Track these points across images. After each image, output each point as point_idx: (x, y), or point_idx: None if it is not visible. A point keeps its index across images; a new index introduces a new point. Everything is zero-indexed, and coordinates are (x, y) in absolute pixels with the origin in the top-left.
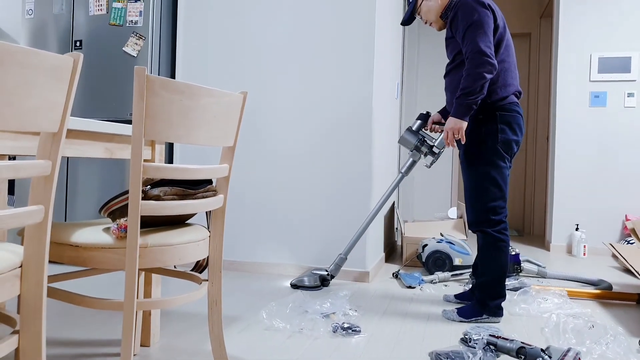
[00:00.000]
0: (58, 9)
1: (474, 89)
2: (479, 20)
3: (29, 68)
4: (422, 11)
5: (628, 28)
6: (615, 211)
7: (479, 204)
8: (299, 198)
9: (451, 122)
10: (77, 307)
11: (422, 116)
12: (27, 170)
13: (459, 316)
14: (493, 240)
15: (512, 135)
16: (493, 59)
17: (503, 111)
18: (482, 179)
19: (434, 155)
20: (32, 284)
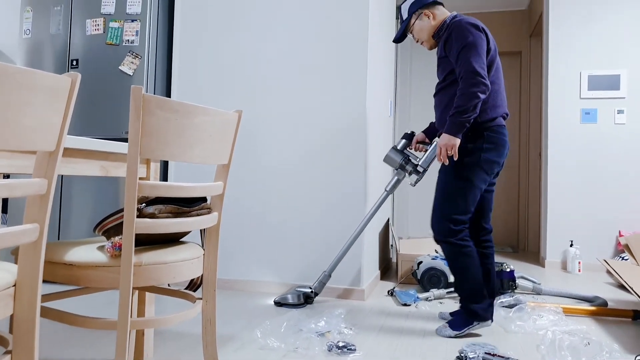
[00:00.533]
0: (55, 29)
1: (468, 108)
2: (474, 42)
3: (27, 88)
4: (414, 30)
5: (616, 46)
6: (609, 227)
7: (443, 215)
8: (293, 216)
9: (444, 139)
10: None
11: (406, 135)
12: (22, 189)
13: (452, 330)
14: (458, 248)
15: (496, 156)
16: (486, 79)
17: (490, 131)
18: (453, 190)
19: (418, 173)
20: (25, 303)
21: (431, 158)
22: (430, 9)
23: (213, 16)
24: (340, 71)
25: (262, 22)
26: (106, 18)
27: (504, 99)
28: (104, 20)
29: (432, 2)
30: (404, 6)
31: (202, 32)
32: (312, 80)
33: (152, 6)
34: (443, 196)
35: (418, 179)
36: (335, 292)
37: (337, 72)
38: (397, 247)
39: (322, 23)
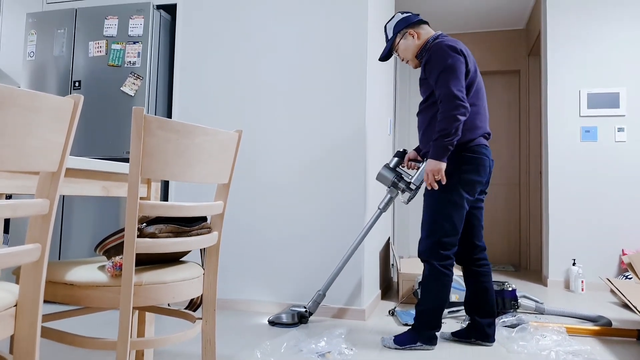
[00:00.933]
0: (59, 51)
1: (450, 131)
2: (452, 65)
3: (31, 111)
4: (399, 49)
5: (615, 64)
6: (612, 245)
7: (432, 237)
8: (291, 235)
9: (431, 164)
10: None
11: (399, 153)
12: (25, 209)
13: (395, 343)
14: (437, 273)
15: (476, 176)
16: (465, 102)
17: (468, 152)
18: (438, 214)
19: (411, 191)
20: (26, 323)
21: (423, 175)
22: (415, 28)
23: (213, 38)
24: (339, 90)
25: (262, 42)
26: (108, 40)
27: (486, 119)
28: (107, 42)
29: (417, 21)
30: (389, 25)
31: (203, 53)
32: (311, 100)
33: (153, 28)
34: (430, 220)
35: (411, 197)
36: (335, 312)
37: (336, 91)
38: (398, 267)
39: (321, 42)
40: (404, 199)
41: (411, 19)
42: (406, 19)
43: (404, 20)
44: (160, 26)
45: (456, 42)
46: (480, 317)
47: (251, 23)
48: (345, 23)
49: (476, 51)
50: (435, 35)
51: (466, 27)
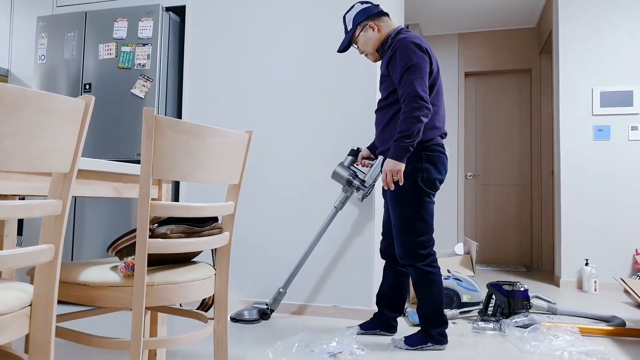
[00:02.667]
0: (69, 54)
1: (412, 132)
2: (417, 64)
3: (44, 112)
4: (359, 42)
5: (628, 62)
6: (625, 245)
7: (409, 240)
8: (301, 237)
9: (390, 164)
10: (84, 346)
11: (352, 152)
12: (39, 209)
13: (406, 345)
14: (424, 273)
15: (437, 174)
16: (429, 103)
17: (428, 151)
18: (409, 215)
19: (365, 189)
20: (41, 323)
21: (376, 173)
22: (375, 20)
23: (222, 39)
24: (348, 89)
25: (270, 43)
26: (118, 43)
27: (443, 119)
28: (116, 44)
29: (378, 12)
30: (348, 16)
31: (212, 54)
32: (320, 100)
33: (163, 31)
34: (402, 224)
35: (365, 195)
36: (347, 312)
37: (345, 90)
38: None
39: (331, 42)
40: (358, 196)
41: (372, 11)
42: (366, 10)
43: (364, 11)
44: (169, 28)
45: (421, 40)
46: (390, 310)
47: (260, 24)
48: None
49: (488, 50)
50: (397, 30)
51: (478, 26)
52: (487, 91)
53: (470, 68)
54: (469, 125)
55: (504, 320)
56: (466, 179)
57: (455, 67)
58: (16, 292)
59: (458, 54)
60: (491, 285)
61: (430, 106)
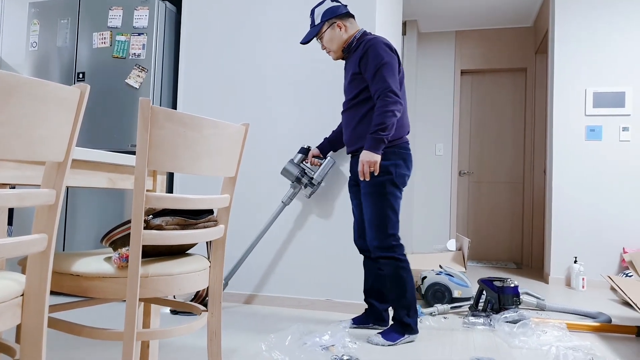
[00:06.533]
0: (62, 42)
1: (387, 125)
2: (390, 62)
3: (38, 99)
4: (324, 38)
5: (621, 64)
6: (613, 244)
7: (383, 232)
8: (293, 231)
9: (367, 156)
10: (77, 337)
11: (303, 150)
12: (32, 199)
13: (386, 340)
14: (399, 263)
15: (406, 170)
16: (401, 99)
17: (399, 148)
18: (384, 208)
19: (313, 186)
20: (33, 313)
21: (325, 172)
22: (343, 20)
23: (219, 29)
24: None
25: (268, 35)
26: (113, 31)
27: (408, 118)
28: (111, 33)
29: (346, 13)
30: (317, 10)
31: (208, 45)
32: (317, 94)
33: (158, 20)
34: (376, 217)
35: (312, 191)
36: (339, 305)
37: (342, 85)
38: None
39: None
40: (306, 193)
41: (341, 10)
42: (335, 9)
43: (334, 9)
44: (165, 18)
45: (389, 41)
46: (380, 302)
47: (257, 15)
48: None
49: (484, 48)
50: (362, 32)
51: (474, 24)
52: (482, 89)
53: (466, 66)
54: (463, 122)
55: (494, 316)
56: (459, 176)
57: (452, 65)
58: (8, 282)
59: (455, 51)
60: (482, 281)
61: (402, 102)
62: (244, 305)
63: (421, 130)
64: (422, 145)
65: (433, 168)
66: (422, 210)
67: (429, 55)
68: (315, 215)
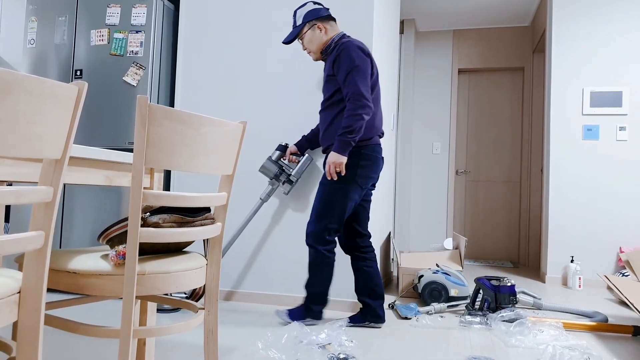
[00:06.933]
0: (59, 39)
1: (355, 128)
2: (361, 66)
3: (35, 96)
4: (305, 39)
5: (618, 63)
6: (610, 243)
7: (321, 222)
8: (291, 230)
9: (333, 157)
10: (73, 334)
11: (280, 147)
12: (29, 196)
13: (289, 318)
14: (322, 256)
15: (370, 172)
16: (371, 102)
17: (366, 149)
18: (332, 203)
19: (291, 183)
20: (29, 310)
21: (302, 169)
22: (324, 22)
23: (217, 27)
24: None
25: (266, 32)
26: (111, 29)
27: (381, 120)
28: (109, 31)
29: (327, 15)
30: (299, 12)
31: (206, 43)
32: (316, 92)
33: (156, 18)
34: (322, 207)
35: (291, 188)
36: (336, 304)
37: None
38: (398, 261)
39: None
40: (284, 190)
41: (322, 13)
42: (317, 11)
43: (315, 11)
44: (163, 15)
45: (363, 44)
46: (372, 299)
47: (255, 12)
48: (351, 14)
49: (482, 47)
50: (341, 35)
51: (471, 23)
52: (479, 88)
53: (464, 65)
54: (460, 121)
55: (490, 315)
56: (457, 175)
57: (449, 64)
58: (4, 279)
59: (452, 50)
60: (479, 280)
61: (372, 106)
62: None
63: (418, 129)
64: (419, 144)
65: (430, 167)
66: (419, 209)
67: (427, 54)
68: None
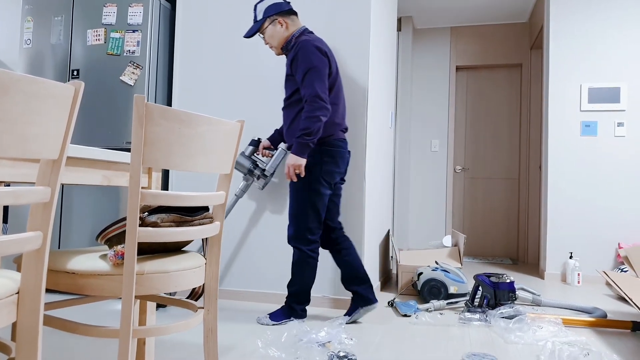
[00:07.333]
0: (56, 39)
1: (312, 130)
2: (318, 66)
3: (32, 96)
4: (266, 33)
5: (616, 59)
6: (609, 239)
7: (300, 224)
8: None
9: (292, 159)
10: (72, 335)
11: (253, 142)
12: (27, 196)
13: (271, 320)
14: (305, 257)
15: (335, 167)
16: (328, 103)
17: (328, 146)
18: (305, 203)
19: (265, 178)
20: (28, 310)
21: (276, 163)
22: (285, 17)
23: (214, 26)
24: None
25: None
26: (107, 28)
27: (344, 116)
28: (105, 30)
29: (288, 10)
30: (259, 6)
31: (203, 42)
32: None
33: (153, 17)
34: (297, 208)
35: (265, 183)
36: (335, 302)
37: None
38: (397, 259)
39: (324, 32)
40: (259, 185)
41: (283, 7)
42: (278, 6)
43: (276, 6)
44: (160, 14)
45: (321, 43)
46: (358, 285)
47: (253, 11)
48: (348, 12)
49: (479, 44)
50: (301, 30)
51: (469, 20)
52: (477, 85)
53: (462, 62)
54: (458, 119)
55: (489, 311)
56: (455, 172)
57: (447, 61)
58: (3, 280)
59: (450, 47)
60: (478, 277)
61: (329, 106)
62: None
63: (416, 126)
64: (417, 141)
65: (428, 164)
66: (418, 207)
67: (424, 51)
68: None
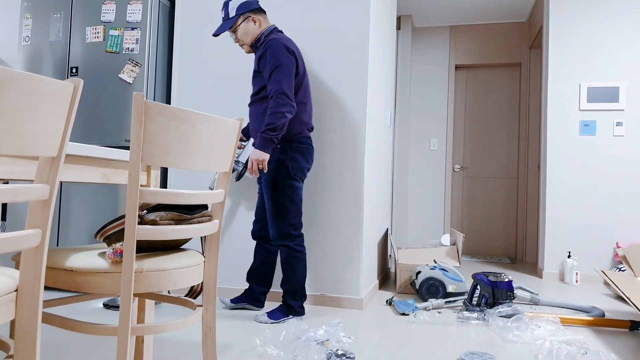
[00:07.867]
0: (55, 36)
1: (277, 126)
2: (286, 64)
3: (32, 94)
4: (239, 31)
5: (615, 59)
6: (607, 238)
7: (282, 222)
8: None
9: (255, 154)
10: (71, 332)
11: None
12: (25, 194)
13: (270, 319)
14: (293, 252)
15: (305, 163)
16: (293, 101)
17: (296, 143)
18: (282, 200)
19: (239, 169)
20: (27, 308)
21: (248, 154)
22: (257, 15)
23: (213, 24)
24: (340, 80)
25: None
26: (106, 26)
27: (311, 115)
28: (104, 28)
29: (259, 8)
30: (232, 3)
31: (202, 40)
32: (312, 90)
33: (152, 14)
34: (274, 207)
35: (240, 174)
36: (333, 301)
37: (336, 82)
38: (395, 257)
39: (323, 32)
40: (232, 177)
41: (255, 5)
42: (250, 3)
43: (248, 3)
44: (159, 12)
45: (289, 42)
46: (259, 285)
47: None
48: (348, 13)
49: (479, 43)
50: (270, 29)
51: (468, 19)
52: (477, 84)
53: (461, 61)
54: (457, 118)
55: (488, 310)
56: (454, 171)
57: (446, 60)
58: (2, 277)
59: (449, 46)
60: (476, 276)
61: (294, 104)
62: None
63: (415, 125)
64: (416, 140)
65: (427, 163)
66: (416, 205)
67: (424, 50)
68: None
